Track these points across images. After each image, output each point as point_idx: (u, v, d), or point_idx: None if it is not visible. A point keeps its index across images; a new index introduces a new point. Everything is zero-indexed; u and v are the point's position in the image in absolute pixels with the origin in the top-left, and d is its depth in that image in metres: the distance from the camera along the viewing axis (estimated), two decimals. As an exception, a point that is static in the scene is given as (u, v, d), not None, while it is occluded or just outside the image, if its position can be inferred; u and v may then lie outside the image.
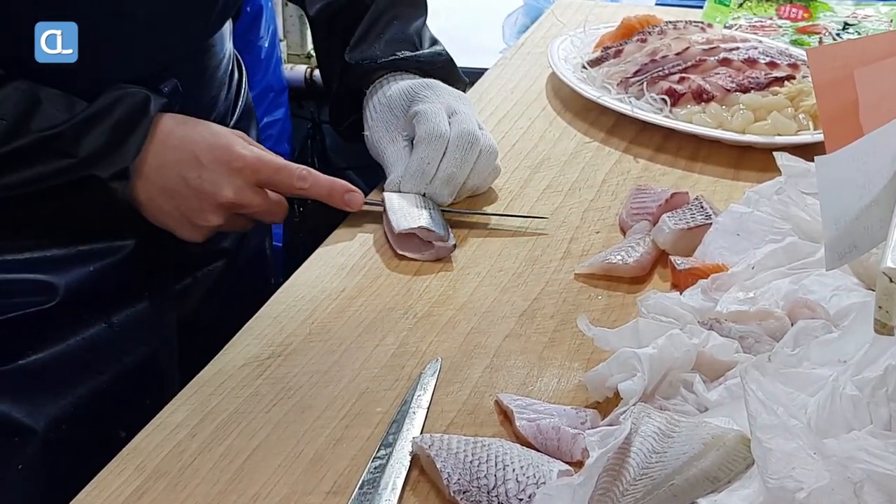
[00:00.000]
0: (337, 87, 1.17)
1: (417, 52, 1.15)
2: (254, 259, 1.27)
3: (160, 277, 1.11)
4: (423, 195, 1.07)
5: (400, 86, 1.12)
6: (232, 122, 1.20)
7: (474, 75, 1.54)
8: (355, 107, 1.16)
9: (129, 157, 0.95)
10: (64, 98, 0.94)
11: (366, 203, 1.05)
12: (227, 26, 1.18)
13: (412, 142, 1.09)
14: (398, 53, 1.14)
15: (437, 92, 1.10)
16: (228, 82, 1.20)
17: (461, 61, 1.21)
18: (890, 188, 0.60)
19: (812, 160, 0.66)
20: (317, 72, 2.70)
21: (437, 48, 1.19)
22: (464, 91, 1.19)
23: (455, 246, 1.02)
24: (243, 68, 1.28)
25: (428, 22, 1.24)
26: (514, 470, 0.72)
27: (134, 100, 0.96)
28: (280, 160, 1.01)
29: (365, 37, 1.15)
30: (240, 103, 1.24)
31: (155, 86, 1.03)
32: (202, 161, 0.97)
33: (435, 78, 1.15)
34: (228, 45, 1.19)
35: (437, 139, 1.05)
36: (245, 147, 1.00)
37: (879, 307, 0.54)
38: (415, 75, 1.15)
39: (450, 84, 1.16)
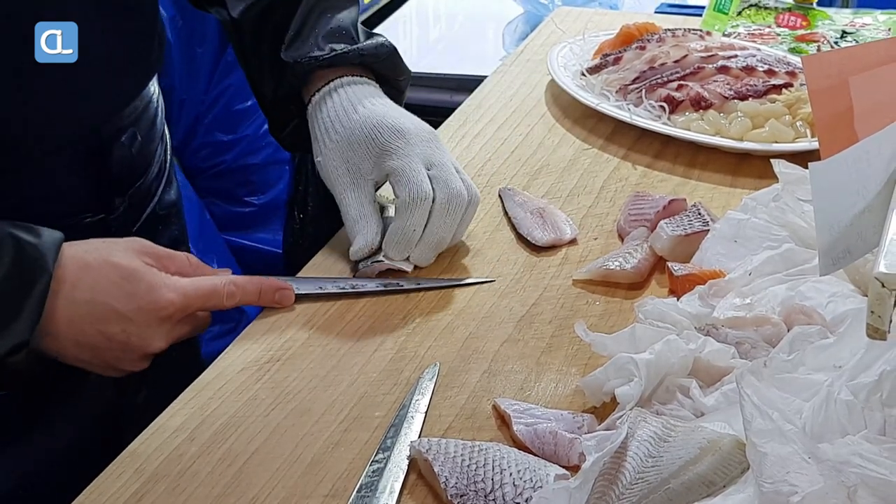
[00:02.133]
0: (274, 91, 1.08)
1: (358, 45, 1.06)
2: None
3: None
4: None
5: (361, 115, 1.02)
6: (163, 184, 1.15)
7: (474, 82, 1.55)
8: (296, 111, 1.08)
9: (25, 330, 0.81)
10: None
11: (297, 295, 0.98)
12: (155, 81, 1.13)
13: (377, 187, 1.02)
14: (336, 48, 1.05)
15: (409, 140, 1.00)
16: (161, 139, 1.15)
17: (462, 69, 1.21)
18: (883, 194, 0.61)
19: (809, 167, 0.67)
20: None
21: (378, 39, 1.09)
22: (406, 81, 1.10)
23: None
24: (167, 136, 1.20)
25: (430, 30, 1.21)
26: (511, 474, 0.73)
27: (23, 253, 0.82)
28: (204, 284, 0.92)
29: (299, 33, 1.06)
30: (167, 165, 1.17)
31: (117, 137, 1.01)
32: (124, 313, 0.87)
33: (380, 72, 1.08)
34: (161, 102, 1.15)
35: (421, 203, 0.98)
36: (167, 286, 0.89)
37: (872, 312, 0.54)
38: (362, 77, 1.06)
39: (394, 77, 1.09)
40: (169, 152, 1.18)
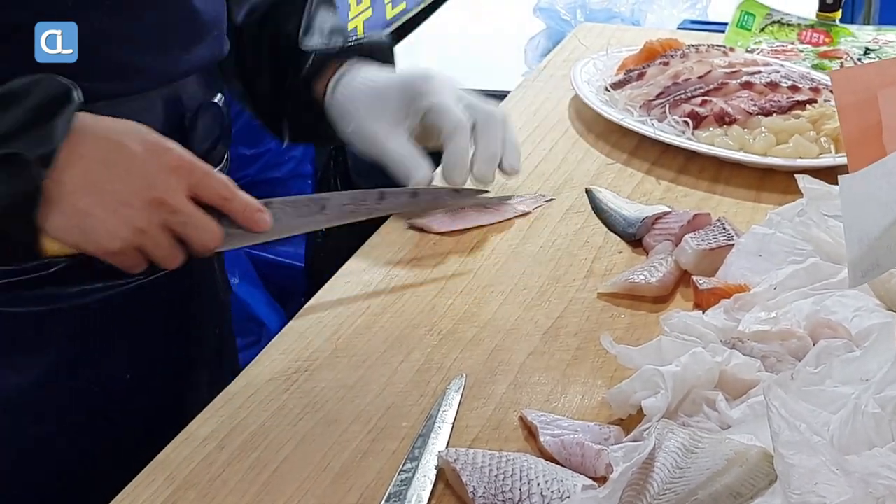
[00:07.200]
0: (291, 79, 1.14)
1: (370, 40, 1.19)
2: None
3: None
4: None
5: (386, 76, 1.12)
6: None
7: (497, 98, 1.56)
8: (296, 103, 1.15)
9: (57, 139, 0.83)
10: None
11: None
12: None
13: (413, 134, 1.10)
14: (351, 41, 1.16)
15: (439, 82, 1.11)
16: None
17: (484, 84, 1.23)
18: (913, 207, 0.61)
19: (833, 183, 0.67)
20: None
21: (375, 36, 1.22)
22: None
23: None
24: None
25: (452, 45, 1.26)
26: (538, 484, 0.73)
27: (54, 86, 0.86)
28: (208, 166, 0.92)
29: (309, 29, 1.15)
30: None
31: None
32: (133, 150, 0.86)
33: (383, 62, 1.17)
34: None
35: (463, 128, 1.08)
36: (177, 146, 0.90)
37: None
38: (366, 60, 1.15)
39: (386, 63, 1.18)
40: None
